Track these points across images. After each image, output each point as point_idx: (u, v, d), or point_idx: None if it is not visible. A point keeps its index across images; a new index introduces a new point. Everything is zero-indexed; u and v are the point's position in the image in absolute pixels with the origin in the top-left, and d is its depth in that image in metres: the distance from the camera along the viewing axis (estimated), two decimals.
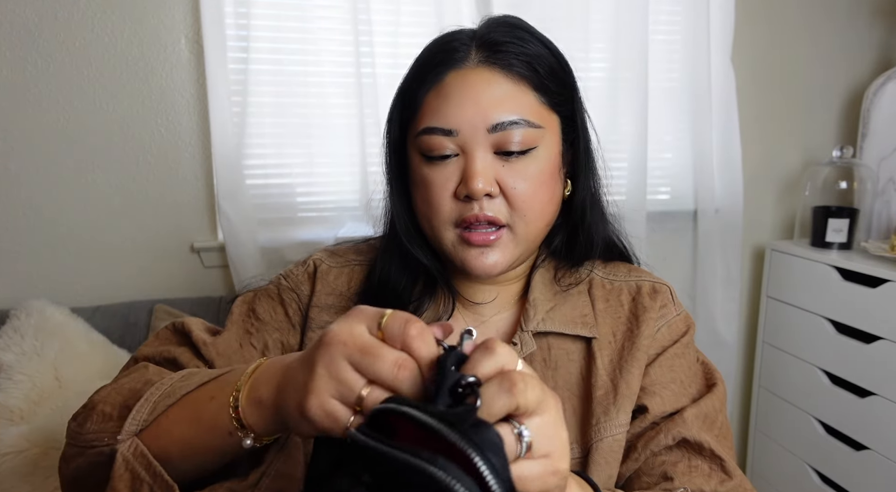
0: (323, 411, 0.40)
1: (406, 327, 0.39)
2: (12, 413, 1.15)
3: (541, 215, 0.67)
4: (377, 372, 0.39)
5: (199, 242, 1.52)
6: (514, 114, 0.63)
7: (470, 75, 0.64)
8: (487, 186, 0.63)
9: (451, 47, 0.66)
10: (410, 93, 0.67)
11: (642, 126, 1.64)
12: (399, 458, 0.33)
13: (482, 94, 0.63)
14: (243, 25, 1.42)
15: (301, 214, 1.55)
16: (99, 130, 1.42)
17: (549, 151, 0.66)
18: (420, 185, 0.67)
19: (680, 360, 0.71)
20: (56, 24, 1.36)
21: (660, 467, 0.64)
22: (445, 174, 0.64)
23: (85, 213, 1.45)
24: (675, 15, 1.71)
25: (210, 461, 0.52)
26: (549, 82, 0.66)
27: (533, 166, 0.65)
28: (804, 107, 1.91)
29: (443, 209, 0.65)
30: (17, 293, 1.39)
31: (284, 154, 1.52)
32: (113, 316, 1.40)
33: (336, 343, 0.40)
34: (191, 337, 0.69)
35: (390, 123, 0.71)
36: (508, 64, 0.64)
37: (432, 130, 0.64)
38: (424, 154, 0.65)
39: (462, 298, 0.73)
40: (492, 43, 0.65)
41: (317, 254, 0.78)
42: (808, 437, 1.73)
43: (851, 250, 1.70)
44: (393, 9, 1.49)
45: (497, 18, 0.69)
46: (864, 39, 1.91)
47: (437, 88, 0.65)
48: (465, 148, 0.64)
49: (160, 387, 0.55)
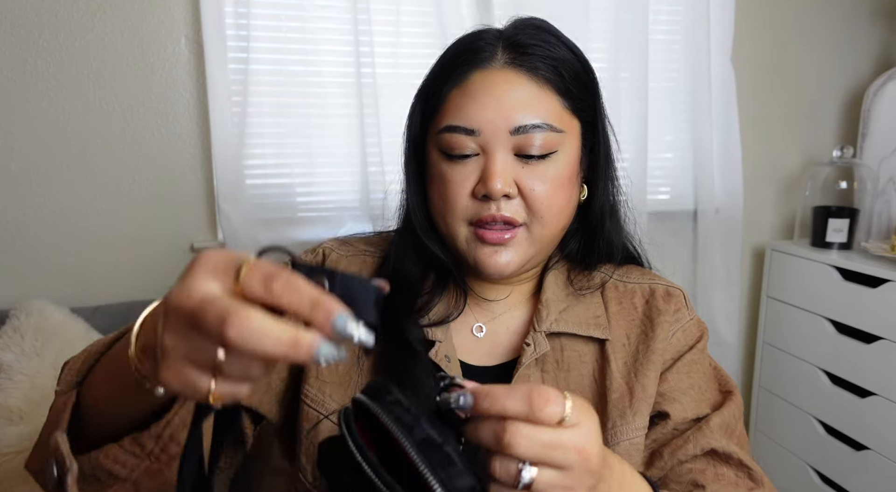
0: (179, 382, 0.35)
1: (268, 283, 0.33)
2: (12, 413, 1.15)
3: (558, 218, 0.66)
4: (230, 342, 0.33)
5: (199, 242, 1.51)
6: (536, 117, 0.63)
7: (495, 76, 0.64)
8: (506, 187, 0.62)
9: (478, 47, 0.66)
10: (434, 90, 0.67)
11: (642, 126, 1.65)
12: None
13: (506, 96, 0.63)
14: (243, 25, 1.42)
15: (301, 213, 1.55)
16: (99, 129, 1.42)
17: (568, 156, 0.66)
18: (438, 181, 0.66)
19: (697, 366, 0.71)
20: (56, 24, 1.36)
21: (688, 475, 0.64)
22: (465, 172, 0.64)
23: (85, 213, 1.45)
24: (675, 15, 1.71)
25: (138, 413, 0.49)
26: (573, 87, 0.66)
27: (552, 169, 0.64)
28: (804, 107, 1.91)
29: (459, 207, 0.65)
30: (17, 293, 1.39)
31: (284, 154, 1.52)
32: (113, 316, 1.40)
33: (176, 308, 0.35)
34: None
35: (411, 119, 0.71)
36: (534, 67, 0.64)
37: (454, 128, 0.64)
38: (445, 152, 0.65)
39: (474, 294, 0.73)
40: (518, 44, 0.65)
41: (327, 243, 0.78)
42: (809, 437, 1.73)
43: (851, 250, 1.70)
44: (393, 9, 1.49)
45: (525, 20, 0.69)
46: (864, 40, 1.91)
47: (462, 87, 0.65)
48: (486, 148, 0.63)
49: (101, 341, 0.56)
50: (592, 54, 1.63)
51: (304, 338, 0.32)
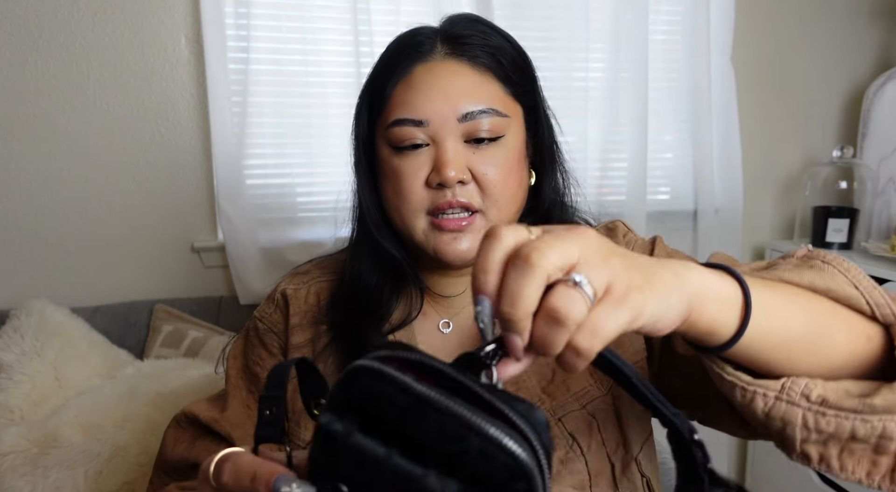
0: None
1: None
2: (12, 413, 1.15)
3: (512, 200, 0.68)
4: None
5: (199, 242, 1.52)
6: (482, 103, 0.65)
7: (437, 67, 0.66)
8: (460, 174, 0.64)
9: (417, 41, 0.68)
10: (378, 87, 0.69)
11: (642, 126, 1.64)
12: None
13: (450, 86, 0.65)
14: (243, 25, 1.42)
15: (301, 214, 1.55)
16: (99, 129, 1.42)
17: (515, 140, 0.68)
18: (391, 176, 0.67)
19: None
20: (56, 24, 1.36)
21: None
22: (417, 163, 0.65)
23: (85, 213, 1.45)
24: (675, 15, 1.71)
25: None
26: (512, 73, 0.68)
27: (502, 153, 0.66)
28: (804, 107, 1.91)
29: (414, 198, 0.66)
30: (17, 293, 1.39)
31: (284, 154, 1.52)
32: (113, 316, 1.41)
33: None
34: (199, 421, 0.71)
35: (358, 119, 0.72)
36: (474, 55, 0.66)
37: (403, 121, 0.65)
38: (395, 145, 0.66)
39: (431, 293, 0.73)
40: (456, 36, 0.67)
41: (282, 283, 0.78)
42: None
43: (852, 250, 1.70)
44: (393, 9, 1.49)
45: (458, 14, 0.71)
46: (864, 39, 1.91)
47: (406, 81, 0.66)
48: (436, 138, 0.65)
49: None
50: (592, 54, 1.64)
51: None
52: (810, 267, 0.50)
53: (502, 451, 0.29)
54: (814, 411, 0.45)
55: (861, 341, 0.47)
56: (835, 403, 0.45)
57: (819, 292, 0.48)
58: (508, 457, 0.29)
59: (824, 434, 0.45)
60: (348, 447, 0.31)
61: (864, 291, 0.48)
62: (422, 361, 0.33)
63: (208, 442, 0.70)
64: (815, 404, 0.45)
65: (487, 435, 0.30)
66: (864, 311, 0.48)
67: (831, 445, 0.46)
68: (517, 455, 0.29)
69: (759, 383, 0.46)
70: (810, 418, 0.45)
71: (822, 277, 0.49)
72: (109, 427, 1.10)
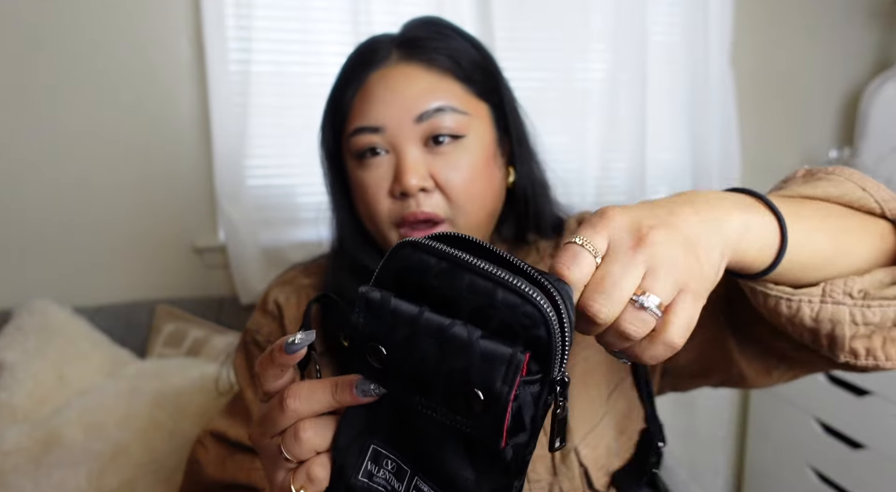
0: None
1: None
2: (15, 412, 1.15)
3: (480, 206, 0.66)
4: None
5: (200, 243, 1.52)
6: (437, 101, 0.64)
7: (391, 73, 0.66)
8: (421, 181, 0.63)
9: (373, 49, 0.68)
10: (338, 98, 0.69)
11: (641, 126, 1.65)
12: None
13: (406, 90, 0.64)
14: (244, 26, 1.42)
15: (302, 214, 1.55)
16: (99, 129, 1.43)
17: (480, 140, 0.66)
18: (358, 188, 0.67)
19: None
20: (56, 24, 1.36)
21: None
22: (379, 174, 0.65)
23: (87, 213, 1.45)
24: (674, 15, 1.71)
25: None
26: (473, 73, 0.67)
27: (465, 157, 0.65)
28: (802, 107, 1.92)
29: (381, 209, 0.65)
30: (20, 293, 1.39)
31: (285, 154, 1.53)
32: (115, 316, 1.41)
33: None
34: (229, 439, 0.70)
35: (323, 132, 0.72)
36: (429, 58, 0.66)
37: (360, 129, 0.65)
38: (356, 155, 0.66)
39: None
40: (411, 40, 0.67)
41: (271, 291, 0.77)
42: (806, 436, 1.74)
43: None
44: (393, 10, 1.49)
45: (417, 18, 0.71)
46: (862, 40, 1.91)
47: (363, 90, 0.66)
48: (395, 144, 0.64)
49: None
50: (592, 54, 1.65)
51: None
52: (818, 179, 0.52)
53: (525, 299, 0.32)
54: (860, 306, 0.47)
55: (877, 242, 0.50)
56: (876, 294, 0.47)
57: (833, 200, 0.50)
58: (530, 305, 0.32)
59: (871, 326, 0.47)
60: (385, 311, 0.34)
61: (871, 191, 0.50)
62: (464, 237, 0.36)
63: (239, 458, 0.68)
64: (859, 298, 0.47)
65: (513, 287, 0.32)
66: (874, 210, 0.50)
67: (875, 337, 0.48)
68: (538, 303, 0.32)
69: (801, 292, 0.47)
70: (857, 312, 0.47)
71: (833, 185, 0.50)
72: (111, 426, 1.10)
